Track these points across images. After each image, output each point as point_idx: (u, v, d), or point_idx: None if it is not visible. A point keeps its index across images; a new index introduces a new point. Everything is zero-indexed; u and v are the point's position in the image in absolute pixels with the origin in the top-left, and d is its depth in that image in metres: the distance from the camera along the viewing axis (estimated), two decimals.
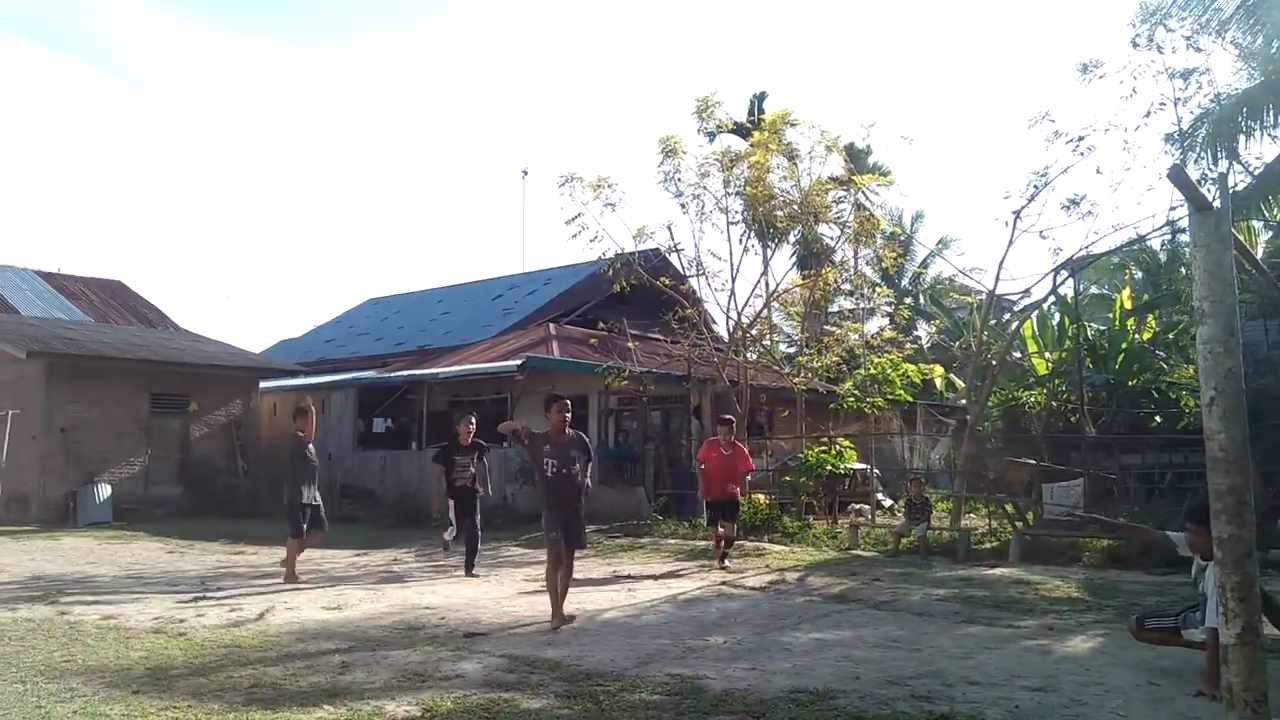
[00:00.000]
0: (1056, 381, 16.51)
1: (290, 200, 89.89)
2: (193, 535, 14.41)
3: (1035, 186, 13.37)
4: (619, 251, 16.14)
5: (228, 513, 17.60)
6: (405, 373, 20.56)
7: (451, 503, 9.99)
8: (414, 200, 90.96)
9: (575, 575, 7.34)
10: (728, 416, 12.02)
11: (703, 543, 12.27)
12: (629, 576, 9.75)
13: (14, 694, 4.84)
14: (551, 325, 21.70)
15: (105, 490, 17.42)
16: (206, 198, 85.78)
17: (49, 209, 76.45)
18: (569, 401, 7.45)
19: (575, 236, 15.90)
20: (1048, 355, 18.00)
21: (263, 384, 21.43)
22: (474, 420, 10.27)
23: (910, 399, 17.58)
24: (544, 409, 7.39)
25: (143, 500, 18.10)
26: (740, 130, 19.23)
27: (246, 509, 18.03)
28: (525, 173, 36.65)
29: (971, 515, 14.60)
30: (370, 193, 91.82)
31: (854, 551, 12.02)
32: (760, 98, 30.45)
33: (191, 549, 12.88)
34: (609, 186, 15.68)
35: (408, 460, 19.32)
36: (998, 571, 9.99)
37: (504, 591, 8.69)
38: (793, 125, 16.13)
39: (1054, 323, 19.24)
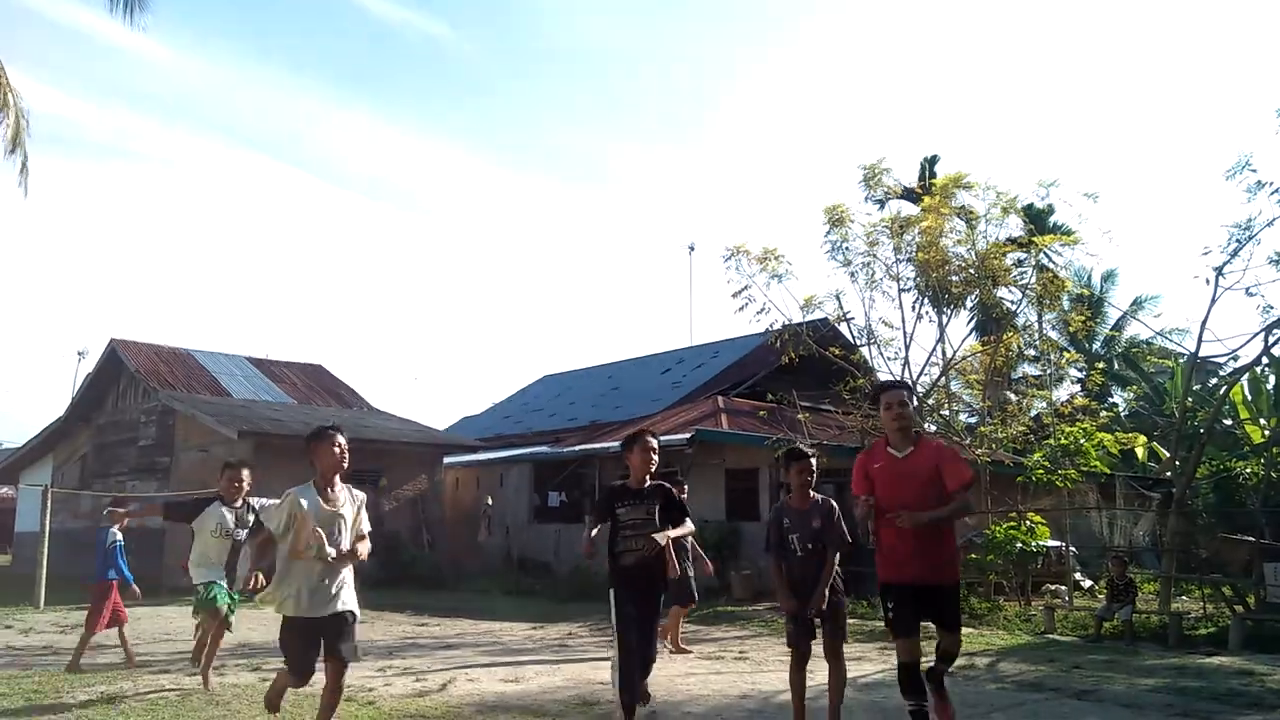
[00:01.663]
0: (1275, 450, 15.06)
1: (472, 284, 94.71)
2: (380, 606, 15.02)
3: (1238, 241, 12.40)
4: (786, 322, 16.02)
5: (413, 584, 18.30)
6: (578, 447, 20.99)
7: (612, 592, 5.56)
8: (587, 279, 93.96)
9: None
10: (891, 381, 7.33)
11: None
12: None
13: None
14: (720, 398, 21.70)
15: None
16: (398, 284, 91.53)
17: (261, 300, 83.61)
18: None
19: (742, 309, 15.93)
20: (1263, 421, 16.48)
21: (445, 459, 22.36)
22: (654, 443, 5.75)
23: (1107, 471, 16.41)
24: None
25: None
26: (910, 195, 18.91)
27: (431, 581, 18.70)
28: (692, 248, 36.98)
29: (1184, 598, 13.38)
30: (545, 274, 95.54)
31: (1050, 636, 11.21)
32: (931, 161, 29.91)
33: (380, 619, 13.42)
34: (776, 258, 15.67)
35: (580, 534, 19.57)
36: (1216, 660, 9.06)
37: (676, 669, 8.58)
38: (966, 188, 15.71)
39: (1268, 386, 17.65)
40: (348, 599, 4.96)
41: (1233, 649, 9.69)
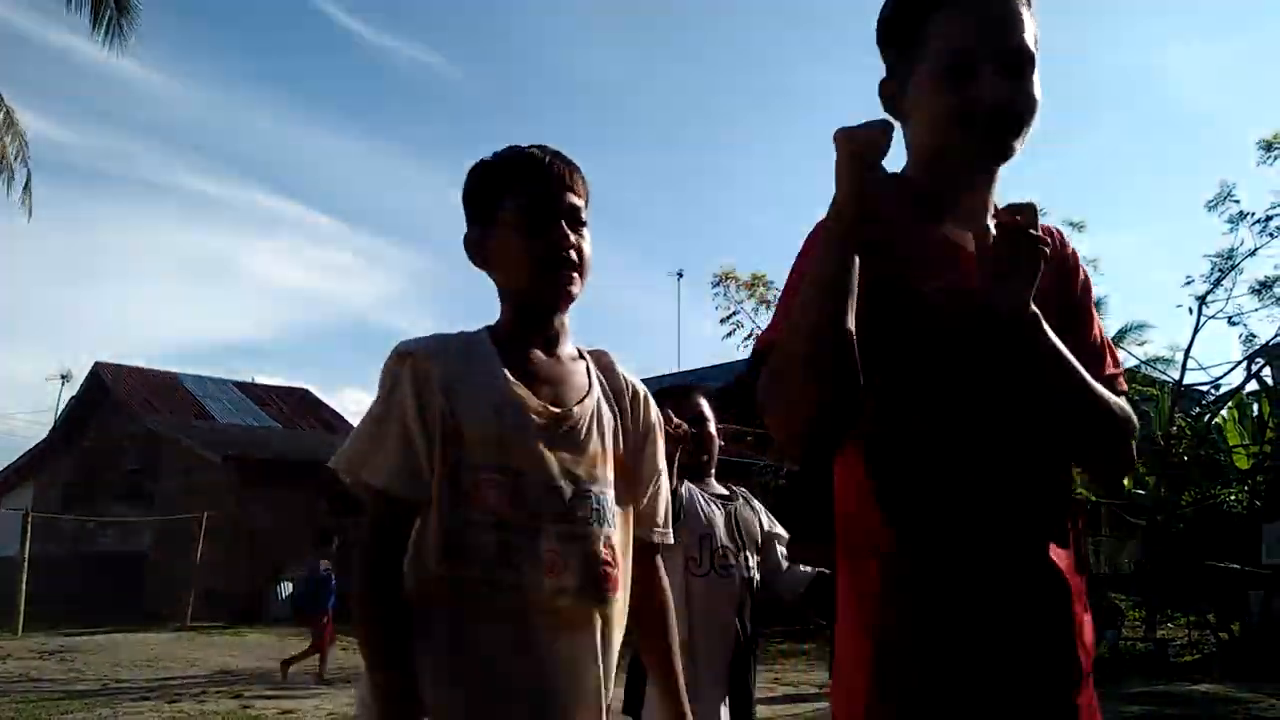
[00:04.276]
0: (1259, 479, 15.14)
1: (460, 308, 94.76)
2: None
3: (1220, 270, 12.60)
4: None
5: None
6: None
7: None
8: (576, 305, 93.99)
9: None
10: None
11: None
12: (793, 684, 9.40)
13: None
14: None
15: (287, 588, 18.32)
16: (383, 308, 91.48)
17: (247, 325, 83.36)
18: None
19: (730, 334, 16.04)
20: (1248, 449, 16.55)
21: None
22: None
23: (1093, 497, 16.45)
24: None
25: None
26: None
27: None
28: (680, 274, 37.01)
29: (1168, 625, 13.40)
30: None
31: None
32: None
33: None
34: (764, 284, 15.77)
35: None
36: (1201, 687, 9.08)
37: None
38: None
39: (1253, 415, 17.75)
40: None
41: (1218, 676, 9.70)
